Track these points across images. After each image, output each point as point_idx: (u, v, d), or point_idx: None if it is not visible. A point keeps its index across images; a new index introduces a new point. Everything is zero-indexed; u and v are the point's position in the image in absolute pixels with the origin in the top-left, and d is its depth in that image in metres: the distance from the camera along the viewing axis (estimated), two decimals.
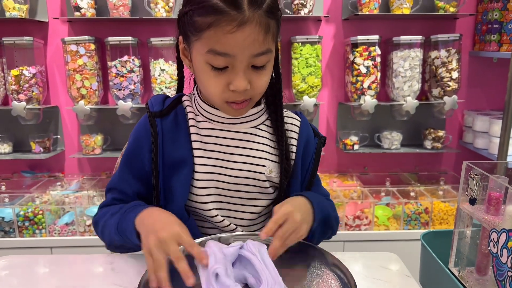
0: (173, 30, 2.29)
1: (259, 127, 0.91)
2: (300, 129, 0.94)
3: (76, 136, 2.30)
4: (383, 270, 0.81)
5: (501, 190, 0.75)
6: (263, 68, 0.79)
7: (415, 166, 2.42)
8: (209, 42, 0.74)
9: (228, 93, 0.79)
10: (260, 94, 0.84)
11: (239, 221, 0.91)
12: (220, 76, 0.77)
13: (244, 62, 0.76)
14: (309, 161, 0.95)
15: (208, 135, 0.88)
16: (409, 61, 2.11)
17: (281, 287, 0.67)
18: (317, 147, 0.96)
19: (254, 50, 0.75)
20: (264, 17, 0.74)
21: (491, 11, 2.08)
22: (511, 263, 0.66)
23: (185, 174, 0.85)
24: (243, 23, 0.72)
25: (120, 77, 2.08)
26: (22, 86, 2.06)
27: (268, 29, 0.75)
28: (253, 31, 0.73)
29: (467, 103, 2.32)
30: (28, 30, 2.14)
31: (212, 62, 0.76)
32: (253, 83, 0.79)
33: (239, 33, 0.72)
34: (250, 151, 0.89)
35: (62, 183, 2.23)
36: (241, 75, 0.76)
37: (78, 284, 0.76)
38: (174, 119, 0.88)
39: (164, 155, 0.86)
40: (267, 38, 0.75)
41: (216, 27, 0.72)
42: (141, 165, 0.88)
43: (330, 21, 2.22)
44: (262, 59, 0.77)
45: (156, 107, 0.89)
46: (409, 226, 2.02)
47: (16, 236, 1.93)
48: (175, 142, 0.87)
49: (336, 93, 2.31)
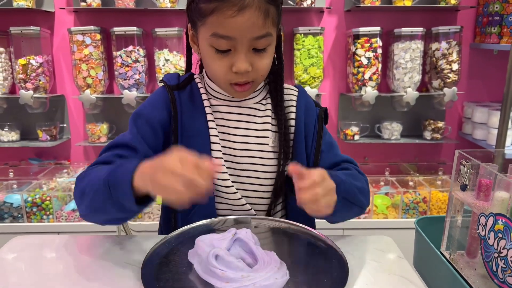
0: (178, 21, 2.34)
1: (261, 102, 0.96)
2: (297, 98, 0.98)
3: (82, 124, 2.34)
4: (377, 252, 0.85)
5: (491, 177, 0.79)
6: (264, 51, 0.84)
7: (415, 157, 2.46)
8: (212, 27, 0.79)
9: (231, 75, 0.84)
10: (263, 77, 0.89)
11: (250, 193, 0.94)
12: (223, 58, 0.82)
13: (245, 44, 0.80)
14: (313, 131, 0.97)
15: (217, 111, 0.94)
16: (410, 53, 2.13)
17: (277, 264, 0.71)
18: (318, 116, 0.98)
19: (254, 33, 0.79)
20: (264, 3, 0.78)
21: (492, 4, 2.10)
22: (498, 245, 0.70)
23: (203, 145, 0.90)
24: (243, 8, 0.76)
25: (125, 66, 2.11)
26: (29, 75, 2.10)
27: (267, 14, 0.79)
28: (252, 15, 0.77)
29: (467, 94, 2.35)
30: (35, 20, 2.17)
31: (215, 45, 0.81)
32: (254, 65, 0.83)
33: (239, 17, 0.77)
34: (253, 125, 0.94)
35: (68, 171, 2.29)
36: (242, 57, 0.81)
37: (87, 263, 0.80)
38: (190, 93, 0.94)
39: (183, 126, 0.90)
40: (266, 22, 0.80)
41: (218, 12, 0.77)
42: (155, 130, 0.89)
43: (332, 13, 2.25)
44: (262, 42, 0.82)
45: (173, 82, 0.94)
46: (407, 215, 2.07)
47: (25, 222, 1.99)
48: (192, 113, 0.92)
49: (338, 84, 2.34)
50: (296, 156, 0.95)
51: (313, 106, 1.00)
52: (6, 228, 1.96)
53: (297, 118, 0.96)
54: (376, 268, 0.79)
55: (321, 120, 0.98)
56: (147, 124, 0.89)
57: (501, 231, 0.69)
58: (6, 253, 0.85)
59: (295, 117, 0.96)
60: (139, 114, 0.90)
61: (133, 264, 0.78)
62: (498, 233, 0.69)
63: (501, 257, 0.68)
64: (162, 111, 0.91)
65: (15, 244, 0.89)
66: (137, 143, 0.86)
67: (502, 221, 0.69)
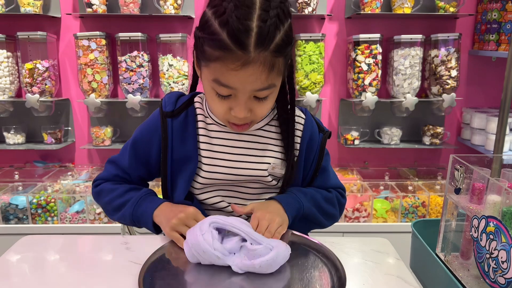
0: (181, 27, 2.38)
1: (263, 128, 0.97)
2: (304, 127, 0.98)
3: (86, 128, 2.38)
4: (375, 254, 0.88)
5: (484, 181, 0.82)
6: (265, 99, 0.83)
7: (414, 161, 2.48)
8: (215, 73, 0.78)
9: (230, 116, 0.84)
10: (261, 118, 0.92)
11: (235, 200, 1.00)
12: (223, 101, 0.82)
13: (246, 95, 0.80)
14: (313, 156, 1.00)
15: (216, 137, 0.95)
16: (409, 59, 2.17)
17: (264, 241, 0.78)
18: (321, 142, 0.99)
19: (256, 86, 0.78)
20: (270, 57, 0.76)
21: (490, 12, 2.14)
22: (489, 246, 0.73)
23: (189, 170, 0.94)
24: (247, 63, 0.74)
25: (129, 71, 2.15)
26: (35, 79, 2.14)
27: (272, 68, 0.77)
28: (256, 70, 0.75)
29: (466, 100, 2.38)
30: (42, 25, 2.22)
31: (216, 89, 0.81)
32: (254, 111, 0.83)
33: (242, 72, 0.75)
34: (254, 151, 0.95)
35: (73, 173, 2.32)
36: (241, 105, 0.81)
37: (94, 262, 0.84)
38: (184, 120, 0.95)
39: (172, 152, 0.95)
40: (270, 75, 0.78)
41: (222, 62, 0.76)
42: (148, 154, 0.98)
43: (333, 20, 2.29)
44: (263, 93, 0.81)
45: (169, 107, 0.95)
46: (407, 219, 2.09)
47: (29, 223, 2.02)
48: (182, 140, 0.94)
49: (338, 89, 2.38)
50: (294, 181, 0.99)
51: (317, 134, 1.00)
52: (11, 229, 1.99)
53: (300, 149, 0.97)
54: (373, 269, 0.82)
55: (323, 146, 1.00)
56: (143, 152, 0.99)
57: (493, 233, 0.72)
58: (16, 253, 0.88)
59: (299, 148, 0.98)
60: (135, 142, 0.99)
61: (137, 263, 0.80)
62: (490, 235, 0.72)
63: (492, 257, 0.71)
64: (156, 139, 0.96)
65: (24, 243, 0.92)
66: (131, 171, 1.00)
67: (493, 223, 0.72)
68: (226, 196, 0.98)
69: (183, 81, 2.17)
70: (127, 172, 1.00)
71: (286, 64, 0.82)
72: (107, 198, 0.99)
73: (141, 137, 0.99)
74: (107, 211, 1.01)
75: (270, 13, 0.74)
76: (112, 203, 0.98)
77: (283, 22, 0.77)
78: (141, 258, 0.79)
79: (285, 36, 0.77)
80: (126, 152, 1.00)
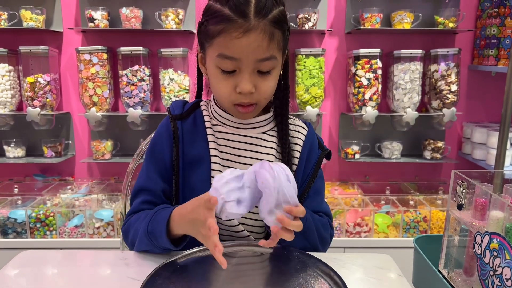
0: (182, 41, 2.40)
1: (267, 133, 0.98)
2: (305, 137, 1.00)
3: (86, 141, 2.38)
4: (377, 270, 0.87)
5: (487, 197, 0.81)
6: (268, 74, 0.86)
7: (415, 176, 2.48)
8: (219, 47, 0.82)
9: (235, 96, 0.86)
10: (265, 100, 0.90)
11: (249, 220, 0.97)
12: (228, 79, 0.85)
13: (250, 66, 0.83)
14: (309, 171, 0.99)
15: (221, 138, 0.96)
16: (409, 74, 2.18)
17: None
18: (318, 158, 1.00)
19: (259, 55, 0.82)
20: (269, 26, 0.81)
21: (489, 27, 2.15)
22: (493, 263, 0.72)
23: (204, 171, 0.93)
24: (248, 30, 0.80)
25: (130, 85, 2.16)
26: (37, 93, 2.15)
27: (272, 37, 0.82)
28: (257, 37, 0.80)
29: (466, 115, 2.39)
30: (44, 40, 2.24)
31: (221, 65, 0.84)
32: (258, 87, 0.86)
33: (244, 39, 0.80)
34: (257, 154, 0.96)
35: (72, 187, 2.31)
36: (246, 78, 0.84)
37: (93, 278, 0.83)
38: (193, 122, 0.97)
39: (184, 154, 0.94)
40: (271, 45, 0.82)
41: (225, 34, 0.81)
42: (163, 162, 0.95)
43: (333, 35, 2.30)
44: (266, 65, 0.84)
45: (177, 111, 0.98)
46: (408, 234, 2.08)
47: (28, 237, 2.01)
48: (193, 141, 0.95)
49: (338, 103, 2.38)
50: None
51: (316, 148, 1.01)
52: (9, 243, 1.97)
53: (300, 158, 0.98)
54: (376, 286, 0.81)
55: (319, 164, 0.99)
56: (159, 162, 0.95)
57: (496, 250, 0.71)
58: (14, 267, 0.87)
59: (299, 156, 0.98)
60: (152, 151, 0.97)
61: (136, 279, 0.79)
62: (493, 252, 0.72)
63: (496, 275, 0.70)
64: (167, 143, 0.95)
65: (22, 258, 0.91)
66: (152, 185, 0.94)
67: (497, 239, 0.71)
68: None
69: (183, 95, 2.18)
70: (149, 188, 0.94)
71: (285, 40, 0.87)
72: (132, 231, 0.91)
73: (154, 147, 0.97)
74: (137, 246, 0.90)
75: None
76: (135, 234, 0.89)
77: (277, 3, 0.84)
78: (140, 274, 0.78)
79: (281, 14, 0.84)
80: (143, 170, 0.97)
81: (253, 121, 0.96)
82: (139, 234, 0.88)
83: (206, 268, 0.82)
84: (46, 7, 2.19)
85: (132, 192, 0.98)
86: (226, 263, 0.69)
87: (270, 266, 0.87)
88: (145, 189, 0.95)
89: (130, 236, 0.92)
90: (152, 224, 0.85)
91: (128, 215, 0.96)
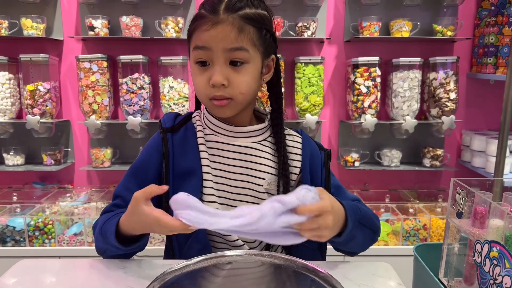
0: (182, 49, 2.40)
1: (261, 142, 0.97)
2: (302, 145, 0.99)
3: (86, 149, 2.38)
4: (376, 278, 0.87)
5: (486, 205, 0.81)
6: (241, 66, 0.87)
7: (415, 184, 2.48)
8: (194, 41, 0.88)
9: (209, 89, 0.88)
10: (242, 95, 0.89)
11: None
12: (203, 73, 0.88)
13: (220, 56, 0.86)
14: (320, 174, 0.99)
15: (213, 147, 0.95)
16: (408, 82, 2.19)
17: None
18: (324, 159, 1.00)
19: (227, 45, 0.85)
20: (238, 20, 0.85)
21: (487, 35, 2.17)
22: (493, 272, 0.72)
23: (195, 184, 0.92)
24: (216, 23, 0.85)
25: (130, 93, 2.17)
26: (36, 100, 2.15)
27: (241, 30, 0.85)
28: (225, 28, 0.85)
29: (465, 122, 2.39)
30: (44, 48, 2.24)
31: (195, 57, 0.88)
32: (231, 80, 0.87)
33: (212, 30, 0.85)
34: (250, 164, 0.95)
35: (71, 195, 2.30)
36: (218, 69, 0.86)
37: (92, 286, 0.82)
38: (183, 134, 0.97)
39: (174, 166, 0.94)
40: (240, 36, 0.85)
41: (198, 28, 0.87)
42: (145, 175, 0.95)
43: (332, 43, 2.32)
44: (236, 54, 0.86)
45: (168, 124, 0.98)
46: (408, 242, 2.07)
47: (26, 245, 2.00)
48: (184, 154, 0.94)
49: (338, 111, 2.39)
50: None
51: (317, 151, 1.01)
52: (8, 252, 1.96)
53: (303, 167, 0.97)
54: None
55: (327, 162, 1.00)
56: (141, 174, 0.96)
57: (496, 258, 0.71)
58: (12, 276, 0.86)
59: (300, 165, 0.98)
60: (135, 167, 0.98)
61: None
62: (493, 260, 0.71)
63: (496, 283, 0.70)
64: (156, 157, 0.96)
65: (21, 267, 0.90)
66: (127, 194, 0.94)
67: (497, 248, 0.71)
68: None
69: (183, 103, 2.18)
70: (123, 196, 0.96)
71: (262, 39, 0.89)
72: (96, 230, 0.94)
73: (141, 159, 0.98)
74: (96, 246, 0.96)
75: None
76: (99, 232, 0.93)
77: (255, 6, 0.88)
78: (139, 283, 0.78)
79: (257, 14, 0.88)
80: (125, 178, 0.99)
81: (247, 130, 0.96)
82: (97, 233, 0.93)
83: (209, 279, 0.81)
84: (47, 16, 2.20)
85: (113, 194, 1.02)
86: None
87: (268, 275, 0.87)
88: (121, 196, 0.98)
89: (95, 234, 0.95)
90: (107, 224, 0.90)
91: (101, 214, 0.99)
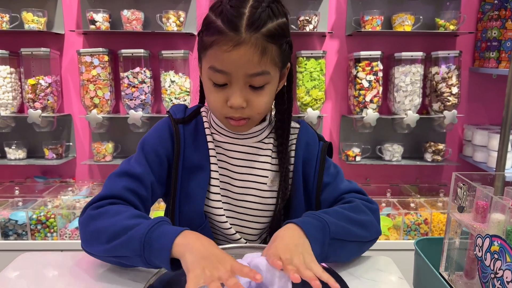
0: (183, 43, 2.40)
1: (263, 141, 0.96)
2: (298, 135, 0.97)
3: (87, 143, 2.38)
4: (378, 272, 0.87)
5: (487, 199, 0.81)
6: (261, 89, 0.83)
7: (416, 178, 2.47)
8: (211, 60, 0.81)
9: (226, 109, 0.84)
10: (259, 115, 0.87)
11: (246, 229, 0.97)
12: (220, 92, 0.83)
13: (240, 80, 0.80)
14: (315, 164, 0.96)
15: (219, 146, 0.95)
16: (410, 76, 2.18)
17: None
18: (321, 150, 0.96)
19: (249, 70, 0.79)
20: (261, 40, 0.78)
21: (490, 30, 2.15)
22: (494, 266, 0.72)
23: (203, 179, 0.92)
24: (238, 44, 0.77)
25: (131, 87, 2.16)
26: (38, 95, 2.15)
27: (264, 52, 0.78)
28: (248, 51, 0.77)
29: (467, 117, 2.39)
30: (46, 42, 2.24)
31: (212, 78, 0.82)
32: (250, 102, 0.83)
33: (234, 52, 0.77)
34: (254, 163, 0.95)
35: (73, 189, 2.31)
36: (237, 93, 0.81)
37: (94, 280, 0.83)
38: (195, 127, 0.95)
39: (184, 159, 0.93)
40: (263, 60, 0.79)
41: (216, 46, 0.79)
42: (157, 160, 0.91)
43: (334, 37, 2.31)
44: (258, 80, 0.81)
45: (179, 115, 0.96)
46: (409, 236, 2.07)
47: (29, 239, 2.01)
48: (195, 148, 0.94)
49: (339, 106, 2.39)
50: (294, 195, 0.96)
51: (315, 141, 0.98)
52: (10, 245, 1.97)
53: (296, 157, 0.96)
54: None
55: (324, 154, 0.96)
56: (154, 154, 0.91)
57: (497, 252, 0.71)
58: (15, 269, 0.87)
59: (294, 155, 0.96)
60: (147, 143, 0.92)
61: (137, 282, 0.79)
62: (494, 254, 0.71)
63: (497, 277, 0.70)
64: (167, 143, 0.92)
65: (23, 260, 0.91)
66: (144, 175, 0.88)
67: (498, 242, 0.71)
68: (228, 209, 0.96)
69: (184, 97, 2.18)
70: (137, 175, 0.86)
71: (282, 55, 0.83)
72: (108, 221, 0.79)
73: (153, 141, 0.92)
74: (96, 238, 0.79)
75: (262, 4, 0.79)
76: (113, 226, 0.77)
77: (276, 15, 0.81)
78: (141, 276, 0.78)
79: (279, 27, 0.80)
80: (134, 157, 0.91)
81: (250, 131, 0.94)
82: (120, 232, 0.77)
83: None
84: (48, 10, 2.19)
85: (112, 173, 0.89)
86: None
87: None
88: (132, 175, 0.87)
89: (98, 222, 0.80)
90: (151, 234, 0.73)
91: (104, 197, 0.84)
